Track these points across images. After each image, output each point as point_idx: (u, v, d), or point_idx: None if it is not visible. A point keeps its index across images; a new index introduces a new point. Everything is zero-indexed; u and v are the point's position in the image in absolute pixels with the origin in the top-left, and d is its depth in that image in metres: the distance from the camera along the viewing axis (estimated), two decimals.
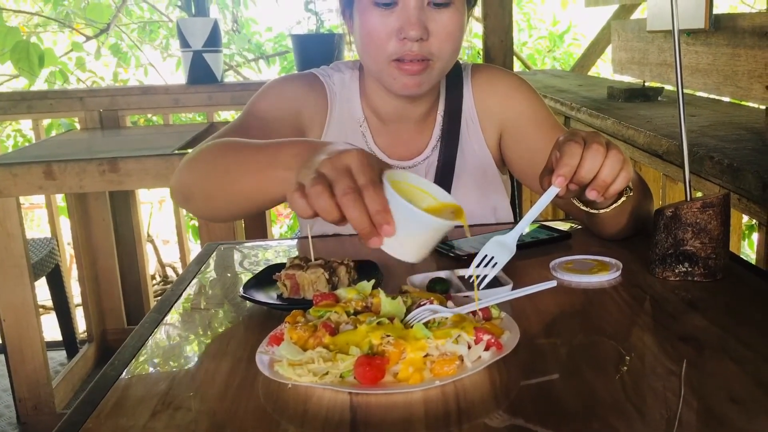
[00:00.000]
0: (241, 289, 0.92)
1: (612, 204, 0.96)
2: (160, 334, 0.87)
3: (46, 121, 3.97)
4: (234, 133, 1.10)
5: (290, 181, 0.77)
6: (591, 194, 0.86)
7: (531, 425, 0.62)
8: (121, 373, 0.77)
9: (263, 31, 5.85)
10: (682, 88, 0.94)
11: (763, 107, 1.57)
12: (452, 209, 0.75)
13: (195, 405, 0.68)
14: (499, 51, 2.94)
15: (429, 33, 1.10)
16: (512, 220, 1.33)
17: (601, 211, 0.96)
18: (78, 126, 3.13)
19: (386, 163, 0.75)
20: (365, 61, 1.19)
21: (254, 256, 1.21)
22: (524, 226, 0.87)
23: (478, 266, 0.84)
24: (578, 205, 0.97)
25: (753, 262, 1.47)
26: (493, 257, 0.85)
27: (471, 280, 0.87)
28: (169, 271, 4.43)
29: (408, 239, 0.71)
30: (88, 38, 4.86)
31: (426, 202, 0.76)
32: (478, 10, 3.33)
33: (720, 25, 1.67)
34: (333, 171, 0.71)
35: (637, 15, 3.66)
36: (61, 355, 2.88)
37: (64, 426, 0.66)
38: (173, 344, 0.85)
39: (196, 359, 0.80)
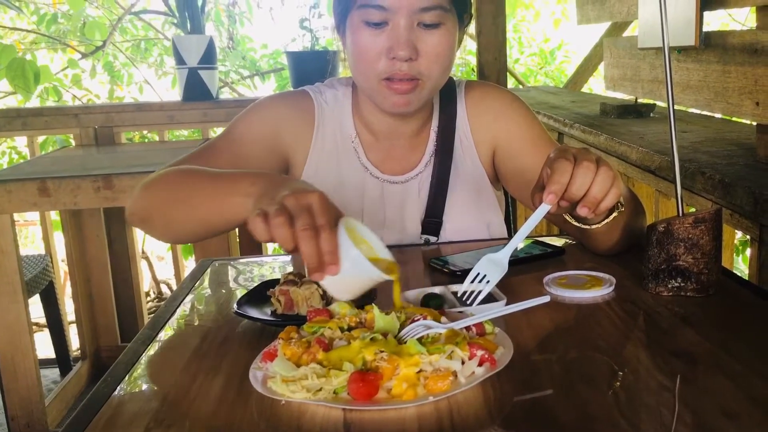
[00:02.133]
0: (234, 305, 0.92)
1: (603, 220, 0.96)
2: (153, 351, 0.87)
3: (41, 138, 3.98)
4: (200, 158, 1.17)
5: (248, 207, 0.87)
6: (582, 211, 0.87)
7: None
8: (114, 390, 0.76)
9: (258, 48, 5.88)
10: (672, 105, 0.95)
11: (754, 123, 1.58)
12: (387, 265, 0.83)
13: (188, 422, 0.68)
14: (492, 68, 2.96)
15: (418, 53, 1.11)
16: (506, 236, 1.33)
17: (593, 226, 0.97)
18: (73, 143, 3.13)
19: (340, 211, 0.82)
20: (357, 78, 1.20)
21: (249, 272, 1.21)
22: (516, 243, 0.87)
23: (470, 284, 0.85)
24: (570, 220, 0.98)
25: (747, 277, 1.47)
26: (485, 275, 0.86)
27: (464, 299, 0.87)
28: (164, 288, 4.41)
29: (346, 281, 0.79)
30: (84, 55, 4.88)
31: (366, 253, 0.82)
32: (471, 27, 3.36)
33: (710, 43, 1.68)
34: (296, 206, 0.78)
35: (629, 32, 3.70)
36: (54, 372, 2.86)
37: None
38: (166, 361, 0.85)
39: (189, 376, 0.80)
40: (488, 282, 0.85)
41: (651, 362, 0.77)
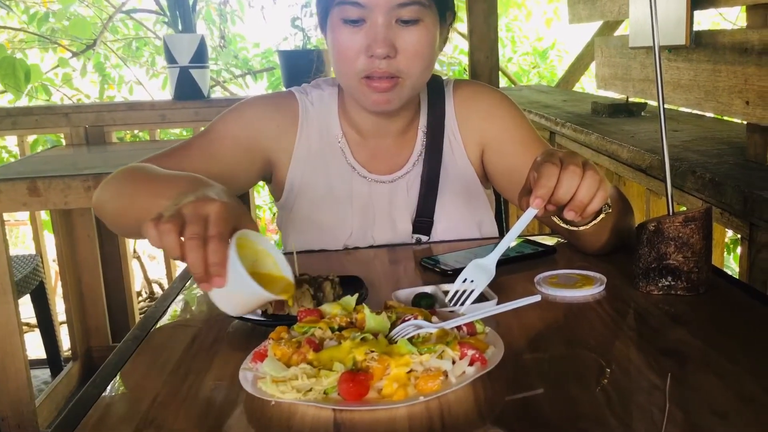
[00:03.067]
0: None
1: (591, 222, 0.96)
2: (143, 352, 0.87)
3: (31, 138, 3.95)
4: (171, 156, 1.18)
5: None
6: (568, 215, 0.87)
7: None
8: (103, 390, 0.76)
9: (250, 47, 5.86)
10: (663, 104, 0.95)
11: (744, 122, 1.58)
12: (285, 285, 0.82)
13: (177, 423, 0.68)
14: (484, 67, 2.96)
15: (397, 51, 1.11)
16: (497, 235, 1.33)
17: (581, 228, 0.97)
18: (63, 142, 3.11)
19: (251, 222, 0.81)
20: (338, 77, 1.20)
21: None
22: (504, 248, 0.87)
23: (456, 292, 0.86)
24: (558, 222, 0.98)
25: (737, 276, 1.48)
26: (473, 281, 0.86)
27: (452, 303, 0.87)
28: (156, 288, 4.40)
29: (233, 296, 0.79)
30: (74, 54, 4.86)
31: (268, 268, 0.84)
32: (463, 27, 3.36)
33: (701, 42, 1.69)
34: (191, 214, 0.76)
35: (620, 32, 3.71)
36: (45, 373, 2.85)
37: None
38: (156, 361, 0.84)
39: (179, 376, 0.79)
40: (474, 289, 0.85)
41: (641, 361, 0.77)
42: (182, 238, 0.75)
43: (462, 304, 0.87)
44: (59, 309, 3.03)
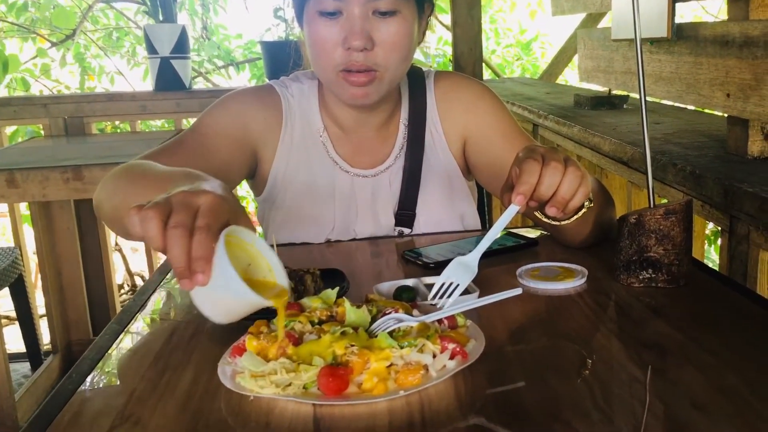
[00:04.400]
0: None
1: (573, 216, 0.96)
2: (120, 346, 0.86)
3: (9, 129, 3.90)
4: (167, 152, 1.13)
5: None
6: (551, 211, 0.87)
7: None
8: (79, 386, 0.75)
9: (233, 37, 5.82)
10: (644, 97, 0.95)
11: (724, 115, 1.59)
12: (279, 291, 0.74)
13: (155, 419, 0.67)
14: (468, 59, 2.96)
15: (374, 43, 1.10)
16: (479, 227, 1.33)
17: (563, 222, 0.97)
18: (42, 133, 3.08)
19: (247, 222, 0.74)
20: (316, 70, 1.19)
21: None
22: (486, 245, 0.87)
23: (439, 290, 0.85)
24: (540, 216, 0.98)
25: (717, 268, 1.49)
26: (455, 279, 0.86)
27: (433, 303, 0.86)
28: (138, 280, 4.37)
29: (218, 299, 0.70)
30: (54, 44, 4.79)
31: (263, 274, 0.75)
32: (447, 18, 3.35)
33: (682, 34, 1.69)
34: (179, 203, 0.69)
35: (603, 24, 3.71)
36: (24, 367, 2.82)
37: None
38: (134, 356, 0.83)
39: (156, 371, 0.78)
40: (457, 286, 0.85)
41: (622, 353, 0.77)
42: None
43: (443, 298, 0.86)
44: (39, 302, 3.00)
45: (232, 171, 1.21)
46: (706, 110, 2.05)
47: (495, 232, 0.87)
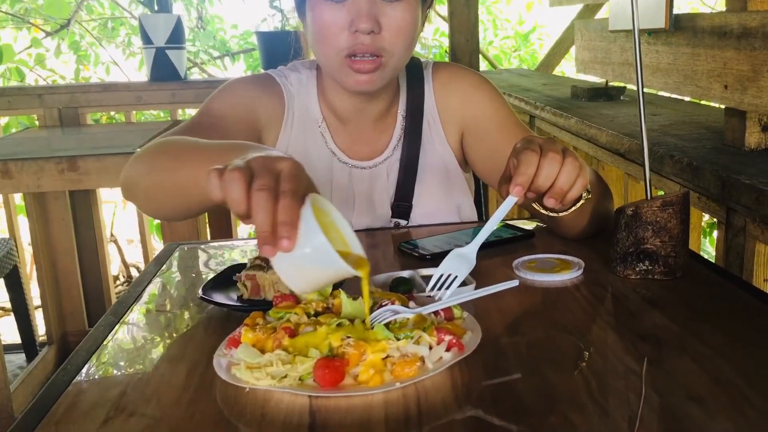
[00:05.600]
0: (200, 290, 0.90)
1: (570, 208, 0.96)
2: (115, 338, 0.85)
3: (3, 120, 3.88)
4: (187, 132, 1.08)
5: None
6: (549, 202, 0.87)
7: (492, 424, 0.61)
8: (74, 377, 0.74)
9: (229, 28, 5.80)
10: (642, 88, 0.95)
11: (722, 106, 1.59)
12: (356, 260, 0.72)
13: (149, 410, 0.67)
14: (464, 50, 2.95)
15: (381, 27, 1.09)
16: (476, 219, 1.33)
17: (561, 214, 0.96)
18: (37, 124, 3.06)
19: (316, 189, 0.72)
20: (319, 57, 1.18)
21: (220, 256, 1.19)
22: (484, 237, 0.86)
23: (437, 281, 0.84)
24: (538, 208, 0.97)
25: (713, 260, 1.49)
26: (453, 271, 0.85)
27: (431, 294, 0.86)
28: (133, 271, 4.36)
29: (303, 267, 0.68)
30: (48, 34, 4.77)
31: (337, 245, 0.71)
32: (444, 9, 3.34)
33: (680, 25, 1.68)
34: (261, 167, 0.67)
35: (601, 15, 3.70)
36: (20, 358, 2.82)
37: None
38: (129, 348, 0.83)
39: (152, 363, 0.78)
40: (455, 278, 0.85)
41: (618, 345, 0.77)
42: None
43: (442, 290, 0.86)
44: (34, 293, 2.99)
45: None
46: (704, 102, 2.04)
47: (493, 224, 0.86)
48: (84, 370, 0.76)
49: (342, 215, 0.74)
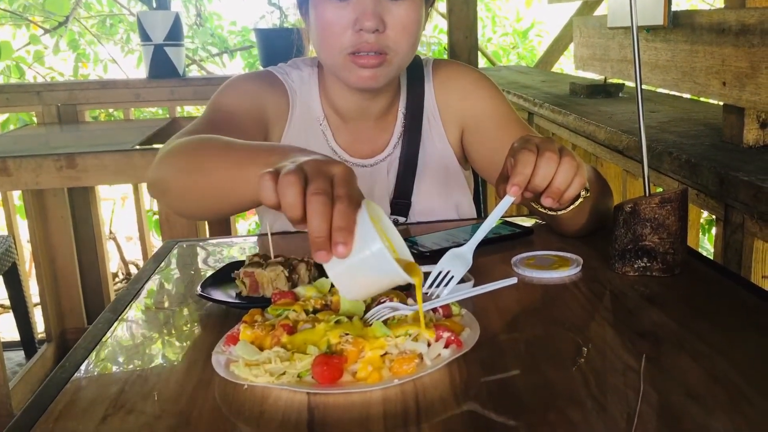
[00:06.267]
0: (198, 288, 0.90)
1: (569, 206, 0.96)
2: (114, 335, 0.85)
3: (2, 117, 3.88)
4: (203, 130, 1.06)
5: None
6: (546, 201, 0.87)
7: (490, 421, 0.62)
8: (73, 375, 0.74)
9: (227, 25, 5.79)
10: (640, 85, 0.95)
11: (720, 103, 1.59)
12: (406, 267, 0.70)
13: (148, 407, 0.67)
14: (463, 47, 2.94)
15: (385, 25, 1.09)
16: (475, 216, 1.33)
17: (559, 213, 0.96)
18: (35, 121, 3.06)
19: (363, 195, 0.70)
20: (321, 55, 1.17)
21: (219, 253, 1.19)
22: (481, 236, 0.86)
23: (434, 281, 0.84)
24: (536, 207, 0.97)
25: (712, 257, 1.49)
26: (449, 271, 0.85)
27: (426, 292, 0.86)
28: (132, 269, 4.36)
29: (357, 273, 0.66)
30: (47, 31, 4.76)
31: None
32: (443, 6, 3.34)
33: (678, 22, 1.68)
34: (315, 170, 0.66)
35: (600, 12, 3.70)
36: (19, 355, 2.82)
37: (12, 430, 0.64)
38: (127, 345, 0.83)
39: (150, 360, 0.78)
40: (452, 278, 0.84)
41: (617, 342, 0.77)
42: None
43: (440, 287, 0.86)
44: (33, 291, 2.99)
45: None
46: (702, 99, 2.04)
47: (490, 223, 0.86)
48: (82, 368, 0.77)
49: (391, 222, 0.74)
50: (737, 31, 1.43)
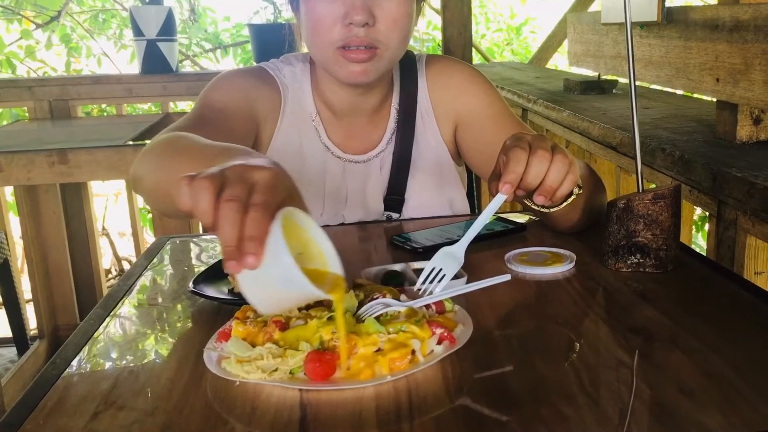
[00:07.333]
0: (191, 284, 0.90)
1: (561, 204, 0.96)
2: (106, 331, 0.85)
3: None
4: (191, 126, 1.06)
5: None
6: (538, 199, 0.87)
7: (483, 417, 0.61)
8: (63, 371, 0.74)
9: (221, 20, 5.77)
10: (634, 81, 0.95)
11: (714, 99, 1.59)
12: (334, 280, 0.68)
13: (139, 404, 0.66)
14: (457, 43, 2.94)
15: (375, 19, 1.08)
16: (469, 212, 1.33)
17: (552, 210, 0.96)
18: (27, 116, 3.04)
19: (301, 202, 0.68)
20: (312, 50, 1.17)
21: (211, 250, 1.19)
22: (474, 234, 0.86)
23: (426, 278, 0.84)
24: (529, 203, 0.97)
25: (705, 253, 1.49)
26: (441, 269, 0.85)
27: (420, 291, 0.85)
28: (125, 265, 4.35)
29: (268, 286, 0.63)
30: (39, 26, 4.73)
31: (313, 263, 0.69)
32: (437, 2, 3.33)
33: (672, 18, 1.68)
34: (235, 176, 0.63)
35: (594, 8, 3.70)
36: (11, 351, 2.81)
37: (1, 428, 0.64)
38: (119, 341, 0.82)
39: (142, 357, 0.78)
40: (444, 276, 0.84)
41: (610, 338, 0.77)
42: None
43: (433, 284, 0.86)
44: (25, 287, 2.98)
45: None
46: (696, 95, 2.04)
47: (482, 221, 0.86)
48: (74, 364, 0.76)
49: (322, 230, 0.69)
50: (731, 27, 1.43)
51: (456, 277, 0.88)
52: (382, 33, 1.09)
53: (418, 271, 0.91)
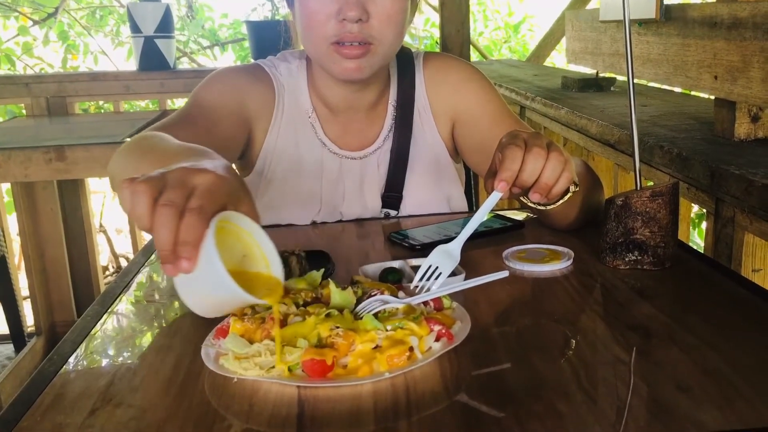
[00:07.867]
0: None
1: (558, 201, 0.96)
2: (103, 328, 0.85)
3: None
4: (174, 124, 1.07)
5: None
6: (534, 197, 0.87)
7: (480, 413, 0.61)
8: (60, 368, 0.74)
9: (218, 17, 5.76)
10: (632, 79, 0.95)
11: (712, 97, 1.59)
12: (272, 284, 0.69)
13: (137, 401, 0.66)
14: (455, 41, 2.94)
15: (369, 14, 1.08)
16: (466, 209, 1.33)
17: (548, 207, 0.96)
18: (25, 113, 3.04)
19: (249, 205, 0.68)
20: (306, 46, 1.17)
21: None
22: (470, 232, 0.86)
23: (422, 276, 0.84)
24: (526, 201, 0.97)
25: (702, 250, 1.49)
26: (437, 267, 0.85)
27: (416, 290, 0.85)
28: (123, 262, 4.35)
29: (202, 291, 0.65)
30: (36, 22, 4.72)
31: (257, 266, 0.70)
32: (435, 0, 3.32)
33: (671, 16, 1.68)
34: (174, 180, 0.63)
35: (592, 5, 3.70)
36: (8, 348, 2.80)
37: None
38: (116, 338, 0.82)
39: (139, 353, 0.78)
40: (440, 274, 0.84)
41: (607, 335, 0.77)
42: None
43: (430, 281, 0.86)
44: (22, 284, 2.97)
45: (232, 147, 1.18)
46: (694, 93, 2.04)
47: (478, 219, 0.86)
48: (71, 361, 0.76)
49: (265, 234, 0.70)
50: (729, 24, 1.43)
51: (454, 274, 0.88)
52: (376, 29, 1.09)
53: (416, 268, 0.91)
